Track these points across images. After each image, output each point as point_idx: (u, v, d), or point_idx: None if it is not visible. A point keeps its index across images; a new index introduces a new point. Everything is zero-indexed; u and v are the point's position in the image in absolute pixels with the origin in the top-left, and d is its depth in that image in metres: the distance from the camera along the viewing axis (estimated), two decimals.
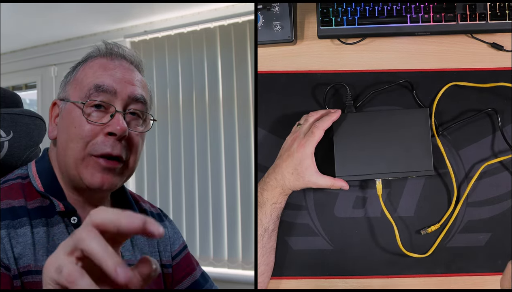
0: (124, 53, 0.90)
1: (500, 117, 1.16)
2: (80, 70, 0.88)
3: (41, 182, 0.86)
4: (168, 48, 2.74)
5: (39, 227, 0.81)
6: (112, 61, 0.88)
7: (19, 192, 0.84)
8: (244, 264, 2.51)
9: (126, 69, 0.88)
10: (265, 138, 1.21)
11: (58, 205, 0.84)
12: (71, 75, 0.89)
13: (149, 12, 2.70)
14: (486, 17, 1.17)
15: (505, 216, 1.16)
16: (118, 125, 0.83)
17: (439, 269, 1.15)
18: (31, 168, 0.89)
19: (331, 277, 1.17)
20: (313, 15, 1.24)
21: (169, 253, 1.00)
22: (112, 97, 0.84)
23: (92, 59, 0.88)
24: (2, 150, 0.94)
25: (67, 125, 0.85)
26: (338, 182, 1.10)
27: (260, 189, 1.11)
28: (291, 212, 1.18)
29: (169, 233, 1.02)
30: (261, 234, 1.10)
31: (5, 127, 0.95)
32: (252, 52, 2.50)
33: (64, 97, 0.88)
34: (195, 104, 2.67)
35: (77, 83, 0.87)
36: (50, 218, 0.83)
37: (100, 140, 0.83)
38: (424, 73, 1.21)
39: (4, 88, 1.02)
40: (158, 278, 0.95)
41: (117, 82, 0.85)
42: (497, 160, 1.16)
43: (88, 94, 0.84)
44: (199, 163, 2.65)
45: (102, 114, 0.84)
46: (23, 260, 0.78)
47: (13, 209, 0.81)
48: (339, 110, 1.11)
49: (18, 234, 0.79)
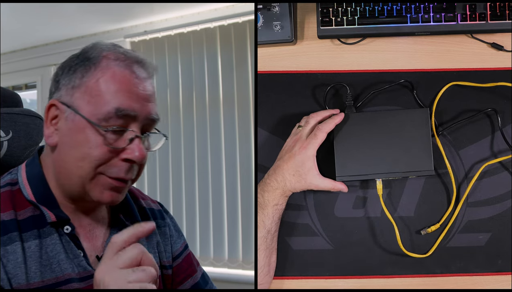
0: (139, 60, 0.82)
1: (500, 118, 1.16)
2: (92, 76, 0.79)
3: (32, 190, 0.81)
4: (168, 48, 2.74)
5: (31, 240, 0.78)
6: (128, 70, 0.80)
7: (7, 202, 0.80)
8: (244, 264, 2.51)
9: (142, 81, 0.81)
10: (265, 139, 1.21)
11: (49, 216, 0.80)
12: (78, 79, 0.79)
13: (149, 12, 2.69)
14: (486, 17, 1.17)
15: (505, 216, 1.16)
16: (138, 152, 0.79)
17: (439, 269, 1.15)
18: (21, 173, 0.84)
19: (331, 277, 1.17)
20: (313, 15, 1.24)
21: (170, 254, 0.97)
22: (131, 120, 0.79)
23: (107, 66, 0.79)
24: (1, 149, 0.93)
25: (79, 142, 0.78)
26: (338, 184, 1.10)
27: (260, 190, 1.11)
28: (291, 212, 1.18)
29: (170, 231, 0.99)
30: (264, 235, 1.09)
31: (5, 127, 0.94)
32: (252, 52, 2.50)
33: (71, 105, 0.79)
34: (195, 104, 2.67)
35: (90, 94, 0.78)
36: (42, 228, 0.80)
37: (115, 164, 0.79)
38: (424, 73, 1.21)
39: (4, 88, 1.02)
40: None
41: (137, 102, 0.79)
42: (497, 160, 1.16)
43: (107, 117, 0.77)
44: (199, 163, 2.65)
45: (118, 137, 0.79)
46: (15, 279, 0.75)
47: (3, 223, 0.77)
48: (342, 114, 1.11)
49: (8, 251, 0.76)
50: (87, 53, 0.81)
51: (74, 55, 0.83)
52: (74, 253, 0.81)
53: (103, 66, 0.79)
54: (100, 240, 0.86)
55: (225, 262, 2.56)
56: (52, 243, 0.80)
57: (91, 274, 0.80)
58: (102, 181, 0.80)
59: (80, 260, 0.81)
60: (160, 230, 0.97)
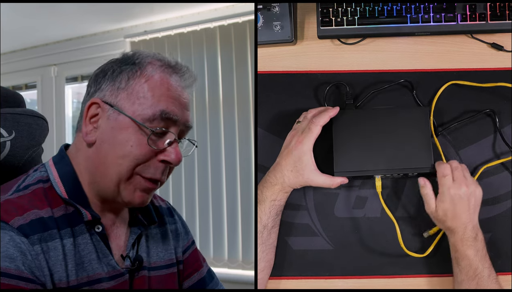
0: (182, 68, 0.87)
1: (498, 118, 1.16)
2: (138, 80, 0.82)
3: (65, 188, 0.83)
4: (168, 48, 2.74)
5: (66, 238, 0.80)
6: (172, 78, 0.84)
7: (42, 199, 0.81)
8: (244, 264, 2.51)
9: (183, 89, 0.86)
10: (265, 139, 1.21)
11: (85, 214, 0.82)
12: (124, 81, 0.83)
13: (149, 12, 2.69)
14: (486, 17, 1.17)
15: (505, 216, 1.16)
16: (175, 155, 0.83)
17: (439, 269, 1.15)
18: (51, 170, 0.85)
19: (331, 277, 1.17)
20: (313, 15, 1.24)
21: (181, 249, 1.00)
22: (172, 124, 0.83)
23: (152, 71, 0.83)
24: (4, 149, 0.93)
25: (121, 141, 0.81)
26: (336, 179, 1.10)
27: (260, 186, 1.11)
28: (291, 212, 1.18)
29: (179, 228, 1.02)
30: (260, 230, 1.10)
31: (7, 127, 0.94)
32: (252, 52, 2.50)
33: (115, 104, 0.82)
34: (195, 104, 2.67)
35: (136, 97, 0.82)
36: (75, 227, 0.81)
37: (153, 164, 0.82)
38: (424, 73, 1.21)
39: (6, 88, 1.02)
40: (173, 276, 0.95)
41: (178, 108, 0.83)
42: (498, 162, 1.16)
43: (152, 118, 0.81)
44: (199, 163, 2.65)
45: (158, 139, 0.82)
46: (55, 276, 0.77)
47: (42, 220, 0.78)
48: (337, 107, 1.11)
49: (50, 248, 0.77)
50: (131, 58, 0.85)
51: (115, 59, 0.87)
52: (104, 253, 0.83)
53: (148, 72, 0.83)
54: (123, 239, 0.89)
55: (225, 262, 2.56)
56: (84, 241, 0.82)
57: (120, 273, 0.84)
58: (137, 181, 0.82)
59: (110, 259, 0.84)
60: (171, 227, 1.00)
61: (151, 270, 0.91)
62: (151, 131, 0.81)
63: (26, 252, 0.74)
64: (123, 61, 0.85)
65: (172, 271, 0.95)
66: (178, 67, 0.86)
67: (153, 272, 0.91)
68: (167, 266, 0.94)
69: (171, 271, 0.95)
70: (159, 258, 0.93)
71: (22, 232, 0.75)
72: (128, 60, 0.85)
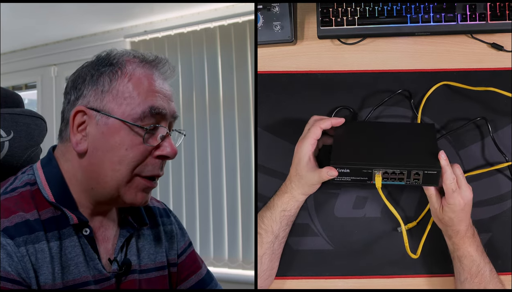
0: (160, 61, 0.86)
1: (491, 125, 1.15)
2: (119, 81, 0.81)
3: (52, 191, 0.82)
4: (168, 48, 2.74)
5: (53, 241, 0.79)
6: (153, 72, 0.84)
7: (29, 202, 0.80)
8: (244, 264, 2.51)
9: (165, 81, 0.86)
10: (265, 139, 1.21)
11: (72, 218, 0.81)
12: (107, 84, 0.81)
13: (149, 12, 2.70)
14: (486, 17, 1.17)
15: (505, 216, 1.16)
16: (170, 148, 0.83)
17: (439, 269, 1.15)
18: (38, 173, 0.84)
19: (331, 277, 1.17)
20: (313, 15, 1.24)
21: (175, 251, 0.98)
22: (161, 118, 0.83)
23: (133, 69, 0.82)
24: (2, 150, 0.93)
25: (114, 145, 0.80)
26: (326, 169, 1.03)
27: (273, 195, 1.11)
28: None
29: (175, 230, 1.00)
30: (272, 240, 1.09)
31: (6, 127, 0.94)
32: (252, 52, 2.50)
33: (101, 109, 0.80)
34: (195, 104, 2.67)
35: (122, 97, 0.80)
36: (62, 230, 0.80)
37: (150, 162, 0.82)
38: (424, 73, 1.21)
39: (4, 88, 1.02)
40: (163, 279, 0.94)
41: (165, 101, 0.83)
42: (494, 168, 1.16)
43: (142, 116, 0.80)
44: (199, 163, 2.65)
45: (151, 135, 0.82)
46: (41, 278, 0.76)
47: (28, 222, 0.77)
48: (342, 119, 1.10)
49: (36, 249, 0.77)
50: (107, 59, 0.83)
51: (89, 63, 0.85)
52: (91, 256, 0.83)
53: (129, 70, 0.82)
54: (111, 242, 0.87)
55: (225, 262, 2.56)
56: (71, 244, 0.81)
57: (105, 277, 0.83)
58: (137, 183, 0.82)
59: (96, 263, 0.83)
60: (166, 228, 0.98)
61: (142, 273, 0.90)
62: (145, 129, 0.80)
63: (12, 254, 0.74)
64: (100, 63, 0.83)
65: (162, 273, 0.94)
66: (157, 61, 0.86)
67: (143, 275, 0.90)
68: (157, 268, 0.93)
69: (161, 273, 0.94)
70: (150, 260, 0.92)
71: (7, 234, 0.75)
72: (105, 61, 0.83)
